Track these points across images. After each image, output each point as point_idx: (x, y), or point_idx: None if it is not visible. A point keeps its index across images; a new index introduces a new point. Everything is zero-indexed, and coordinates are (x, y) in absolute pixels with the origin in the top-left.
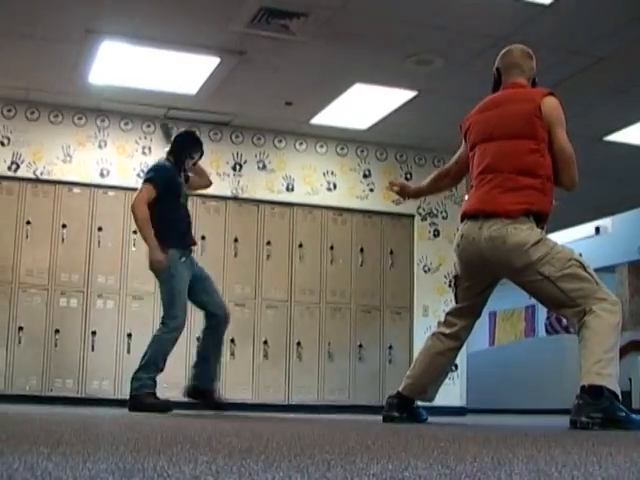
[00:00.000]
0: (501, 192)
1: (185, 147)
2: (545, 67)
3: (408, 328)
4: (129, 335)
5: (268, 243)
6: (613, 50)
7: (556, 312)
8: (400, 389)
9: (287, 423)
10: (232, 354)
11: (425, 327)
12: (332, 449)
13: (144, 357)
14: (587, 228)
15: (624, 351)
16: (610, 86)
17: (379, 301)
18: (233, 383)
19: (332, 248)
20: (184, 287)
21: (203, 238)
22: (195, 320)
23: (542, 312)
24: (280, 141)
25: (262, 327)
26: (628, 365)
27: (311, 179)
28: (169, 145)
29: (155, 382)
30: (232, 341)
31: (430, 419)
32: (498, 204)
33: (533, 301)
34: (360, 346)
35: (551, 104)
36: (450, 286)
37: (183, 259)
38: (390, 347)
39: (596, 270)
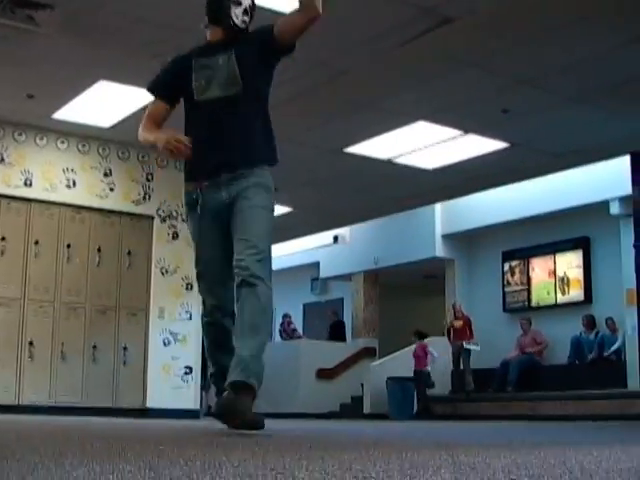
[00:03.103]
0: None
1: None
2: (285, 79)
3: (144, 330)
4: None
5: (2, 239)
6: (355, 65)
7: None
8: None
9: (10, 425)
10: None
11: (160, 329)
12: (45, 451)
13: None
14: (326, 236)
15: (357, 357)
16: (351, 100)
17: (115, 302)
18: None
19: (69, 246)
20: (198, 241)
21: None
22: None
23: (277, 318)
24: (20, 134)
25: None
26: (360, 371)
27: (50, 175)
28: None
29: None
30: None
31: (164, 422)
32: None
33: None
34: (94, 347)
35: None
36: None
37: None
38: (125, 348)
39: (333, 278)
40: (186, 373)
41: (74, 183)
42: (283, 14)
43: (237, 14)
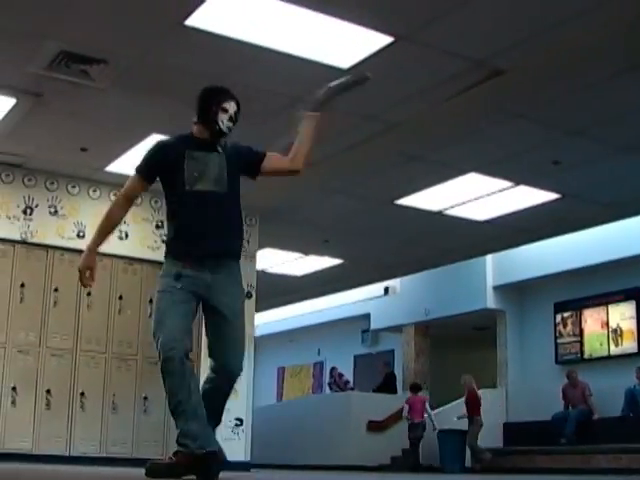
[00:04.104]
0: None
1: (208, 98)
2: (340, 130)
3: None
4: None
5: (56, 290)
6: (406, 117)
7: None
8: None
9: (61, 475)
10: (13, 402)
11: None
12: None
13: None
14: (376, 288)
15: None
16: (402, 152)
17: None
18: (13, 433)
19: (121, 298)
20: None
21: None
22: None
23: (328, 369)
24: (74, 187)
25: (46, 376)
26: None
27: None
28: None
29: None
30: (14, 389)
31: None
32: None
33: (321, 358)
34: (145, 398)
35: None
36: None
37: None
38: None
39: (384, 329)
40: (237, 425)
41: (126, 235)
42: (340, 69)
43: (223, 120)
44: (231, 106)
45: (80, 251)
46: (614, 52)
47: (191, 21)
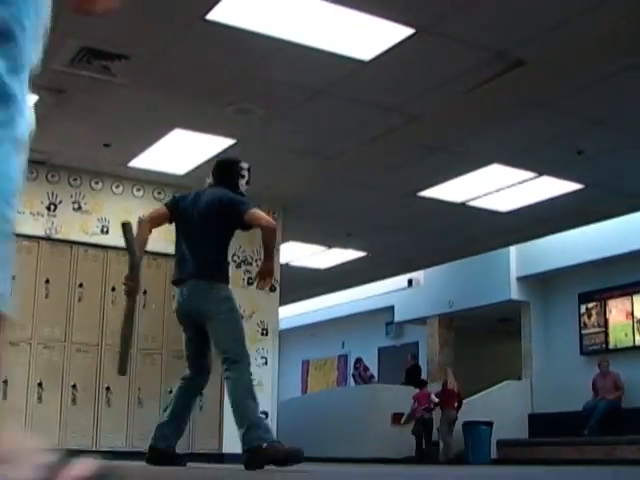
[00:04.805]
0: None
1: (230, 169)
2: (361, 122)
3: (219, 375)
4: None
5: (80, 285)
6: (427, 109)
7: None
8: None
9: None
10: (39, 398)
11: None
12: None
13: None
14: (400, 280)
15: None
16: (425, 144)
17: None
18: (40, 428)
19: (145, 293)
20: None
21: (13, 278)
22: None
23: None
24: (97, 182)
25: (71, 371)
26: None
27: None
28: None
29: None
30: (40, 385)
31: (238, 468)
32: None
33: (345, 351)
34: (170, 392)
35: None
36: None
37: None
38: (201, 393)
39: (408, 321)
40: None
41: (150, 230)
42: (361, 61)
43: (242, 184)
44: (246, 172)
45: (104, 247)
46: (635, 42)
47: (212, 16)
